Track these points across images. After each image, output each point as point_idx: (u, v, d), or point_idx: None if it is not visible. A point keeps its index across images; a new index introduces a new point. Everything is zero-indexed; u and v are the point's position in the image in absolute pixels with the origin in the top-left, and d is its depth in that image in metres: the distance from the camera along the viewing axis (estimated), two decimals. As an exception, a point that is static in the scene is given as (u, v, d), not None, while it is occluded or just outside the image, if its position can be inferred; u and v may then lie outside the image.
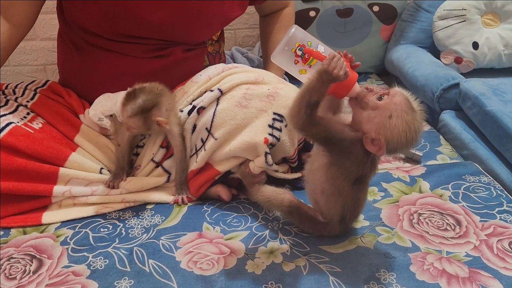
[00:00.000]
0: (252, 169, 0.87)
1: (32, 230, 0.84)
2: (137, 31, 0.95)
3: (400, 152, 0.69)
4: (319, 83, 0.66)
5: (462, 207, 0.88)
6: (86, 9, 0.93)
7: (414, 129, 0.67)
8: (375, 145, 0.68)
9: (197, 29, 0.99)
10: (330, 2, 1.58)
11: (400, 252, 0.76)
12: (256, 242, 0.80)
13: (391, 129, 0.66)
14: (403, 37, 1.57)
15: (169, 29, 0.96)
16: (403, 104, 0.67)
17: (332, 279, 0.71)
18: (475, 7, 1.42)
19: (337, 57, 0.66)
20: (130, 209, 0.90)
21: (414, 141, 0.68)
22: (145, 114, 0.84)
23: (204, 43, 1.07)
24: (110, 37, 0.96)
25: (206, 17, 0.98)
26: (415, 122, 0.67)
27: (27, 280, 0.72)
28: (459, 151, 1.16)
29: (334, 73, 0.65)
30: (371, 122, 0.68)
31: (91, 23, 0.95)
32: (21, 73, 1.75)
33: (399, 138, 0.66)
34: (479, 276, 0.71)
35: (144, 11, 0.92)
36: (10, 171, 0.84)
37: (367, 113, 0.69)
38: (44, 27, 1.66)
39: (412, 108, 0.67)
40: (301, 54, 0.71)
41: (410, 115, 0.67)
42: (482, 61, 1.42)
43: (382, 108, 0.67)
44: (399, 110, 0.66)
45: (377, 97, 0.68)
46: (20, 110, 0.95)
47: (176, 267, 0.74)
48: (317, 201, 0.79)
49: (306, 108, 0.67)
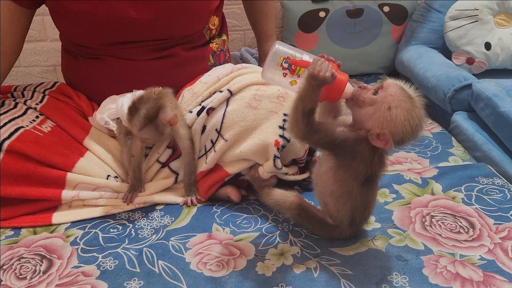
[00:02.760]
0: (261, 174, 0.86)
1: (42, 230, 0.84)
2: (125, 35, 0.95)
3: (408, 142, 0.68)
4: (310, 89, 0.66)
5: (475, 210, 0.86)
6: (70, 21, 0.94)
7: (416, 115, 0.66)
8: (381, 140, 0.67)
9: (184, 22, 0.99)
10: (340, 3, 1.57)
11: (412, 254, 0.75)
12: (266, 244, 0.79)
13: (393, 120, 0.66)
14: (413, 38, 1.55)
15: (157, 27, 0.95)
16: (398, 93, 0.67)
17: (343, 281, 0.70)
18: (488, 7, 1.40)
19: (321, 60, 0.66)
20: (139, 210, 0.90)
21: (419, 127, 0.67)
22: (154, 122, 0.83)
23: (202, 38, 1.05)
24: (103, 48, 0.97)
25: (190, 8, 0.97)
26: (415, 109, 0.66)
27: (37, 280, 0.72)
28: (472, 152, 1.15)
29: (321, 76, 0.65)
30: (372, 118, 0.67)
31: (80, 37, 0.97)
32: (32, 74, 1.77)
33: (403, 128, 0.66)
34: (494, 280, 0.70)
35: (128, 12, 0.92)
36: (19, 176, 0.84)
37: (365, 110, 0.68)
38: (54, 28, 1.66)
39: (409, 96, 0.67)
40: (288, 66, 0.72)
41: (408, 103, 0.66)
42: (495, 62, 1.40)
43: (379, 102, 0.67)
44: (396, 100, 0.66)
45: (372, 93, 0.68)
46: (29, 113, 0.96)
47: (186, 268, 0.73)
48: (326, 204, 0.78)
49: (303, 117, 0.67)
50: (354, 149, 0.69)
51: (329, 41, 1.59)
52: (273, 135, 0.85)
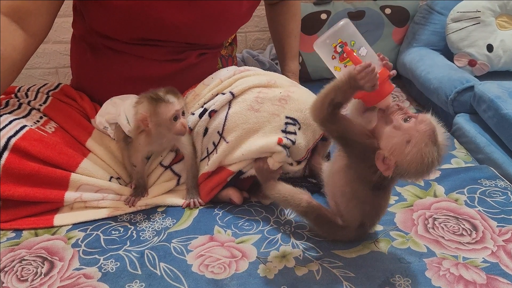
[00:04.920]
0: (271, 166, 0.85)
1: (43, 232, 0.84)
2: (157, 34, 0.95)
3: (408, 179, 0.69)
4: (346, 86, 0.65)
5: (478, 212, 0.86)
6: (106, 14, 0.93)
7: (427, 163, 0.65)
8: (385, 164, 0.66)
9: (217, 30, 0.99)
10: (341, 5, 1.57)
11: (415, 257, 0.75)
12: (268, 246, 0.79)
13: (405, 154, 0.65)
14: (415, 40, 1.55)
15: (189, 31, 0.95)
16: (426, 133, 0.65)
17: (346, 284, 0.70)
18: (490, 9, 1.40)
19: (371, 68, 0.64)
20: (141, 212, 0.90)
21: (423, 174, 0.67)
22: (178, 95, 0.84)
23: (220, 46, 1.06)
24: (129, 41, 0.96)
25: (226, 18, 0.98)
26: (431, 156, 0.64)
27: (38, 282, 0.71)
28: (474, 155, 1.14)
29: (361, 83, 0.64)
30: (389, 141, 0.67)
31: (110, 29, 0.95)
32: (34, 76, 1.77)
33: (408, 166, 0.65)
34: (497, 283, 0.69)
35: (165, 14, 0.92)
36: (23, 175, 0.84)
37: (389, 129, 0.68)
38: (56, 31, 1.67)
39: (434, 141, 0.65)
40: (340, 51, 0.70)
41: (429, 147, 0.64)
42: (497, 63, 1.40)
43: (404, 130, 0.66)
44: (419, 138, 0.65)
45: (404, 118, 0.67)
46: (33, 114, 0.96)
47: (188, 271, 0.73)
48: (338, 204, 0.77)
49: (329, 106, 0.66)
50: (364, 154, 0.69)
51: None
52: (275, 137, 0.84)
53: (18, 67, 0.90)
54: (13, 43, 0.87)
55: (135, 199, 0.90)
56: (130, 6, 0.90)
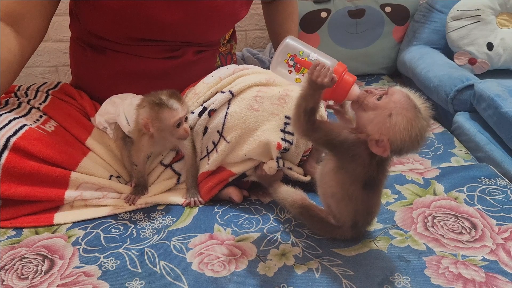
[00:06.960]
0: (267, 171, 0.87)
1: (44, 230, 0.84)
2: (149, 33, 0.95)
3: (407, 152, 0.68)
4: (310, 90, 0.67)
5: (477, 210, 0.86)
6: (99, 15, 0.93)
7: (417, 126, 0.65)
8: (380, 147, 0.66)
9: (209, 28, 0.99)
10: (342, 3, 1.57)
11: (414, 255, 0.75)
12: (268, 244, 0.79)
13: (393, 128, 0.65)
14: (415, 38, 1.55)
15: (181, 29, 0.96)
16: (402, 101, 0.66)
17: (345, 282, 0.70)
18: (490, 7, 1.40)
19: (321, 65, 0.66)
20: (141, 210, 0.90)
21: (420, 138, 0.66)
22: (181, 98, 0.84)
23: (217, 44, 1.06)
24: (122, 42, 0.96)
25: (218, 16, 0.98)
26: (418, 119, 0.65)
27: (39, 280, 0.72)
28: (474, 153, 1.14)
29: (319, 81, 0.65)
30: (373, 123, 0.67)
31: (103, 29, 0.96)
32: (34, 75, 1.77)
33: (402, 137, 0.65)
34: (496, 281, 0.69)
35: (156, 12, 0.92)
36: (23, 175, 0.84)
37: (368, 114, 0.68)
38: (56, 29, 1.67)
39: (413, 105, 0.66)
40: (293, 64, 0.72)
41: (411, 112, 0.65)
42: (497, 62, 1.40)
43: (381, 107, 0.66)
44: (398, 108, 0.65)
45: (376, 98, 0.68)
46: (32, 113, 0.96)
47: (187, 269, 0.73)
48: (329, 205, 0.78)
49: (304, 115, 0.68)
50: (352, 150, 0.69)
51: (331, 41, 1.59)
52: (275, 138, 0.85)
53: (15, 69, 0.90)
54: (8, 46, 0.87)
55: (135, 197, 0.90)
56: (121, 6, 0.91)
